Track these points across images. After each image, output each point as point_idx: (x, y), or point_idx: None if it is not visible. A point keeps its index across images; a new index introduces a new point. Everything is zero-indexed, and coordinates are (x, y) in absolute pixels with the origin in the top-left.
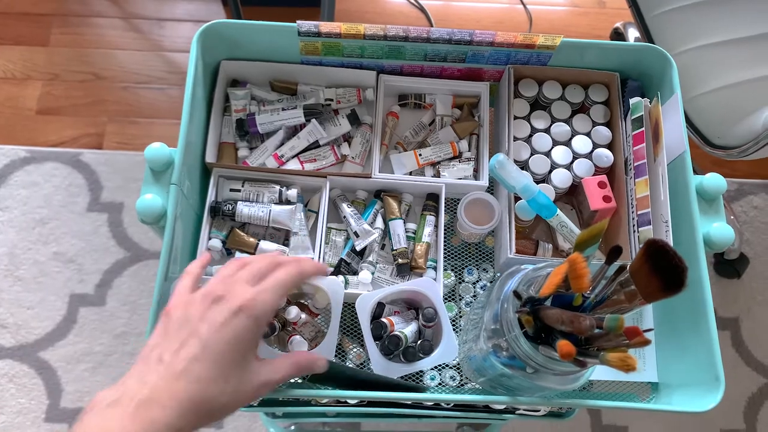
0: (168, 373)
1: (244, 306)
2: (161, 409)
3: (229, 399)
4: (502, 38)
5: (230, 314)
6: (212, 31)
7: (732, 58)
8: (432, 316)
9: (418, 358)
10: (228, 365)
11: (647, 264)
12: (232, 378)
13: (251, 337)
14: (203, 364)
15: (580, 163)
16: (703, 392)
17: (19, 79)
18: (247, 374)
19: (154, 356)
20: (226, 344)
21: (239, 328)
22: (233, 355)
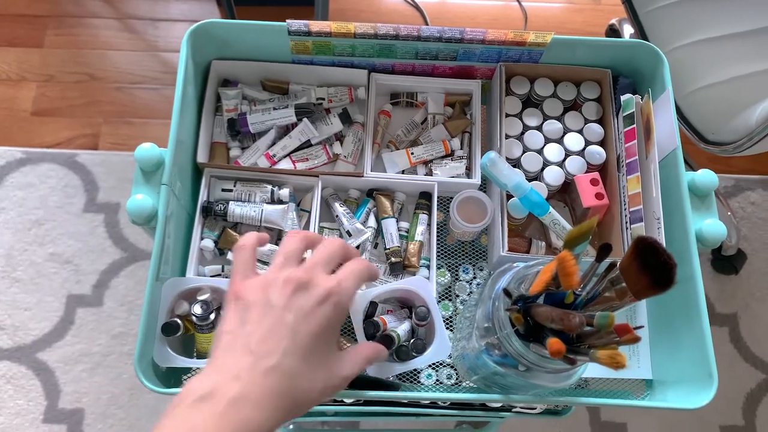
0: (259, 368)
1: (330, 294)
2: (253, 408)
3: (318, 394)
4: (492, 36)
5: (316, 303)
6: (202, 31)
7: (726, 53)
8: (425, 314)
9: (411, 357)
10: (317, 358)
11: (637, 261)
12: (320, 371)
13: (336, 327)
14: (294, 358)
15: (572, 160)
16: (697, 389)
17: (14, 80)
18: (334, 367)
19: (240, 346)
20: (315, 336)
21: (326, 317)
22: (321, 347)
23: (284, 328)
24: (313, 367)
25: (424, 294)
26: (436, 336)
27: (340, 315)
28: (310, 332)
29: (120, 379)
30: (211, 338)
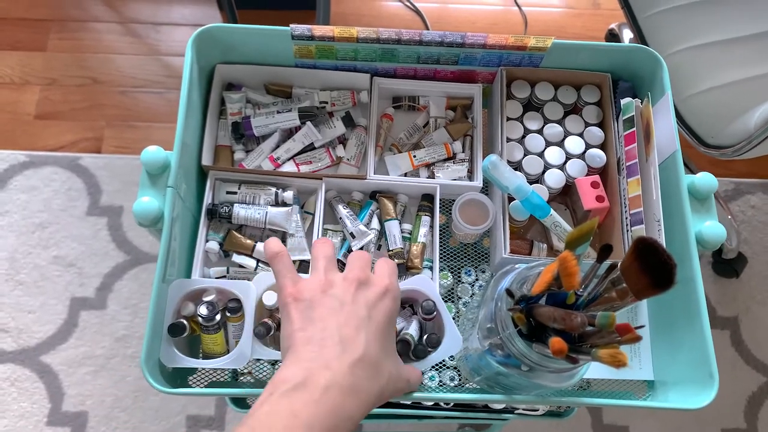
0: (348, 357)
1: (387, 289)
2: (345, 395)
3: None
4: (493, 40)
5: (378, 297)
6: (207, 35)
7: (725, 58)
8: (431, 308)
9: (427, 353)
10: (389, 347)
11: (637, 261)
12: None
13: (395, 320)
14: (375, 346)
15: (573, 163)
16: (698, 389)
17: (18, 84)
18: (397, 363)
19: (319, 339)
20: (384, 326)
21: (389, 309)
22: (389, 337)
23: (360, 320)
24: (387, 356)
25: (428, 291)
26: (446, 329)
27: (398, 306)
28: (381, 322)
29: (124, 382)
30: (216, 339)
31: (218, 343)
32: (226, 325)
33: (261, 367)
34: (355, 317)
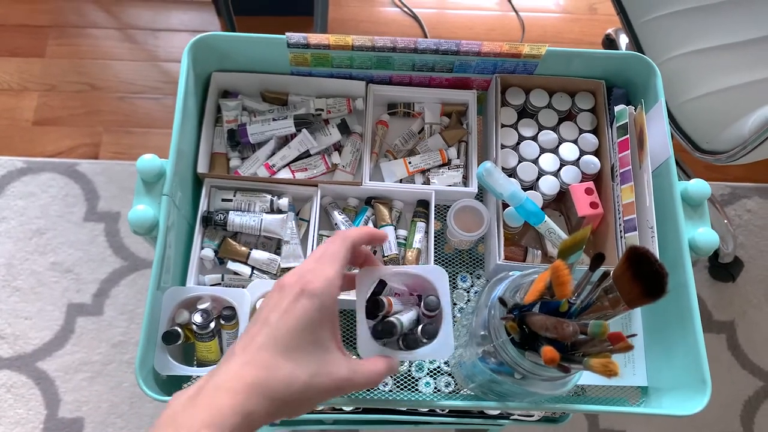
0: (238, 362)
1: (302, 288)
2: (228, 394)
3: (304, 386)
4: (488, 48)
5: (293, 299)
6: (203, 43)
7: (720, 64)
8: (435, 305)
9: (420, 344)
10: (296, 350)
11: (629, 270)
12: (304, 363)
13: (318, 317)
14: (270, 352)
15: (567, 170)
16: (691, 395)
17: (16, 90)
18: (326, 363)
19: (229, 351)
20: (293, 329)
21: (302, 311)
22: (301, 339)
23: (265, 326)
24: (294, 359)
25: (437, 284)
26: (441, 331)
27: (317, 304)
28: (289, 327)
29: (120, 388)
30: (211, 347)
31: (213, 351)
32: (221, 333)
33: None
34: (262, 323)
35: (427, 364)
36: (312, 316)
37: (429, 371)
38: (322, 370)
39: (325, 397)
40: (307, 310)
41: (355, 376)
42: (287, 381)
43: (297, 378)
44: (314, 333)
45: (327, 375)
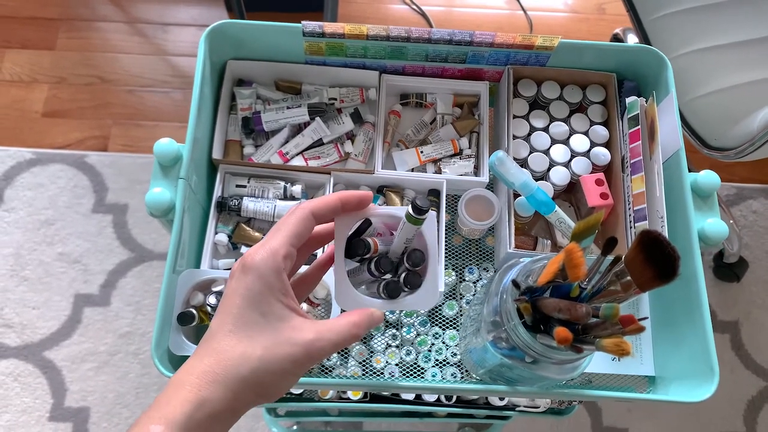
0: (195, 355)
1: (242, 265)
2: (181, 385)
3: (261, 362)
4: (501, 39)
5: (235, 279)
6: (219, 31)
7: (728, 61)
8: (419, 260)
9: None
10: (246, 327)
11: (642, 254)
12: (257, 338)
13: (260, 289)
14: (221, 336)
15: (578, 161)
16: (699, 383)
17: (26, 82)
18: (281, 331)
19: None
20: (238, 308)
21: (243, 287)
22: (249, 316)
23: (218, 314)
24: (247, 340)
25: (426, 233)
26: (427, 278)
27: (259, 278)
28: (235, 307)
29: (126, 379)
30: None
31: None
32: None
33: None
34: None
35: (433, 355)
36: (253, 289)
37: (436, 362)
38: (280, 339)
39: (295, 367)
40: (248, 284)
41: (323, 335)
42: (239, 361)
43: (250, 356)
44: (261, 305)
45: (286, 342)
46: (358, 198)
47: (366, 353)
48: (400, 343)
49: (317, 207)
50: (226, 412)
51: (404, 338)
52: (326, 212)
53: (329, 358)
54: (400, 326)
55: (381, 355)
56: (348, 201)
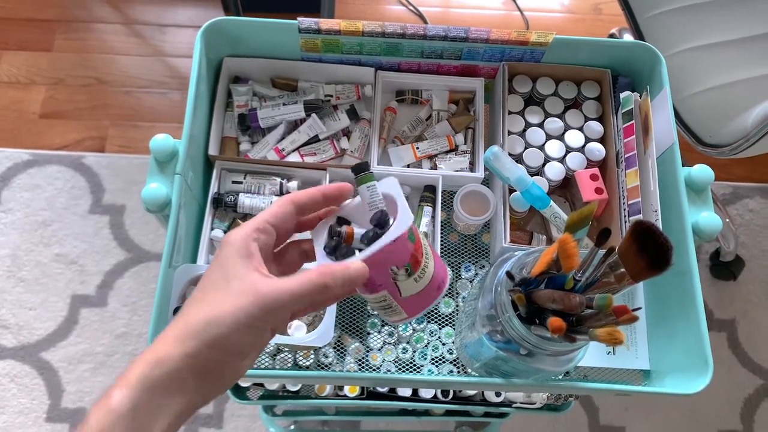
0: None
1: (223, 240)
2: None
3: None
4: (496, 35)
5: (216, 252)
6: (215, 28)
7: (722, 59)
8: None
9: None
10: (209, 290)
11: (635, 244)
12: (215, 298)
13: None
14: (188, 303)
15: (572, 156)
16: (693, 376)
17: (23, 83)
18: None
19: None
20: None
21: (217, 258)
22: (214, 279)
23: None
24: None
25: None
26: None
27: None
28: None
29: None
30: None
31: None
32: None
33: (261, 359)
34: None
35: (430, 352)
36: (222, 258)
37: (432, 359)
38: (231, 292)
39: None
40: (219, 255)
41: (279, 286)
42: (196, 320)
43: (206, 312)
44: (226, 270)
45: (237, 294)
46: (337, 190)
47: (363, 350)
48: (397, 341)
49: (297, 195)
50: (184, 370)
51: (401, 335)
52: (306, 201)
53: (325, 354)
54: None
55: (377, 352)
56: (328, 193)
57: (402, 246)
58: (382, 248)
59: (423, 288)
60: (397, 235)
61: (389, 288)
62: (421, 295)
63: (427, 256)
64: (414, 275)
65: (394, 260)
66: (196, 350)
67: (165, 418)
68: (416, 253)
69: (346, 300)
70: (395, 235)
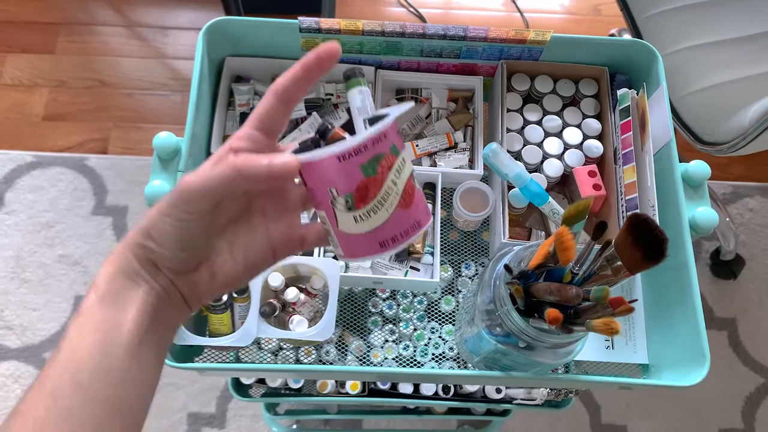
0: None
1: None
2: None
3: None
4: (494, 34)
5: None
6: (217, 28)
7: (720, 58)
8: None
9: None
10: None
11: (630, 236)
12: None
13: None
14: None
15: (571, 153)
16: (691, 369)
17: (27, 86)
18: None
19: None
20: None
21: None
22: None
23: None
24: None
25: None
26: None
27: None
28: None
29: None
30: (223, 319)
31: (225, 323)
32: (233, 306)
33: (263, 356)
34: None
35: (431, 349)
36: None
37: (433, 356)
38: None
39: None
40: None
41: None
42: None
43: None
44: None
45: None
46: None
47: (364, 348)
48: (398, 338)
49: (277, 82)
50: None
51: (402, 333)
52: (288, 84)
53: (327, 352)
54: (398, 321)
55: (379, 350)
56: (307, 64)
57: (347, 169)
58: (321, 159)
59: (364, 233)
60: (335, 152)
61: (327, 210)
62: (362, 240)
63: (388, 204)
64: (354, 212)
65: (334, 180)
66: (136, 239)
67: (132, 307)
68: (367, 188)
69: (347, 299)
70: (333, 151)
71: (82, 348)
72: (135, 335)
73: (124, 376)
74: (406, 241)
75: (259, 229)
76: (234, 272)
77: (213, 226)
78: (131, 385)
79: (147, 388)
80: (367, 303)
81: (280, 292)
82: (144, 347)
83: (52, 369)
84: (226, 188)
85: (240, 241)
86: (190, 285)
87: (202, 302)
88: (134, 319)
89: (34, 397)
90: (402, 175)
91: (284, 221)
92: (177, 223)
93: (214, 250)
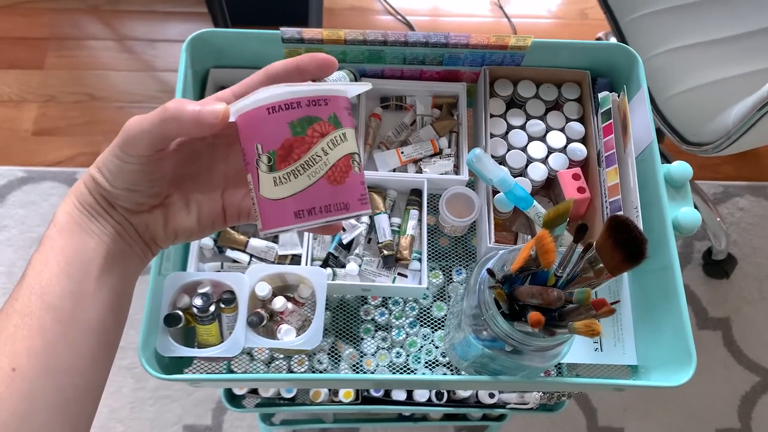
0: None
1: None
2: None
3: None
4: (476, 40)
5: None
6: (200, 40)
7: (703, 59)
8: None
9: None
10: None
11: (611, 238)
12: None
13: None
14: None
15: (555, 157)
16: (678, 369)
17: (15, 101)
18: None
19: None
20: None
21: None
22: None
23: None
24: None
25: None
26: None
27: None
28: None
29: (120, 393)
30: (211, 330)
31: (213, 334)
32: (221, 317)
33: (255, 366)
34: None
35: (423, 356)
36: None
37: (426, 363)
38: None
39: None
40: None
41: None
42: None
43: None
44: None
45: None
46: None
47: (357, 356)
48: (390, 345)
49: (274, 65)
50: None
51: (394, 340)
52: (280, 72)
53: (319, 361)
54: (390, 328)
55: (372, 357)
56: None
57: (275, 122)
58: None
59: (282, 199)
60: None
61: (252, 172)
62: (278, 207)
63: (311, 171)
64: (275, 173)
65: (260, 134)
66: (91, 173)
67: (90, 238)
68: (292, 147)
69: (339, 307)
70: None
71: (47, 271)
72: (96, 263)
73: (94, 299)
74: (326, 219)
75: (216, 191)
76: (186, 224)
77: (157, 172)
78: (102, 307)
79: (116, 316)
80: (359, 311)
81: (267, 302)
82: (107, 275)
83: (20, 292)
84: (160, 131)
85: (195, 197)
86: (144, 225)
87: (158, 244)
88: (94, 249)
89: (3, 317)
90: (337, 149)
91: (242, 189)
92: (121, 164)
93: (170, 198)
